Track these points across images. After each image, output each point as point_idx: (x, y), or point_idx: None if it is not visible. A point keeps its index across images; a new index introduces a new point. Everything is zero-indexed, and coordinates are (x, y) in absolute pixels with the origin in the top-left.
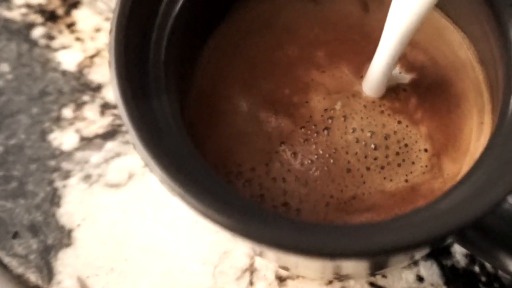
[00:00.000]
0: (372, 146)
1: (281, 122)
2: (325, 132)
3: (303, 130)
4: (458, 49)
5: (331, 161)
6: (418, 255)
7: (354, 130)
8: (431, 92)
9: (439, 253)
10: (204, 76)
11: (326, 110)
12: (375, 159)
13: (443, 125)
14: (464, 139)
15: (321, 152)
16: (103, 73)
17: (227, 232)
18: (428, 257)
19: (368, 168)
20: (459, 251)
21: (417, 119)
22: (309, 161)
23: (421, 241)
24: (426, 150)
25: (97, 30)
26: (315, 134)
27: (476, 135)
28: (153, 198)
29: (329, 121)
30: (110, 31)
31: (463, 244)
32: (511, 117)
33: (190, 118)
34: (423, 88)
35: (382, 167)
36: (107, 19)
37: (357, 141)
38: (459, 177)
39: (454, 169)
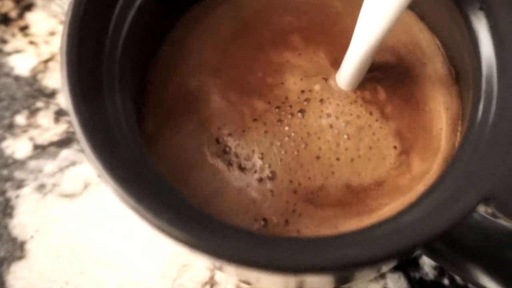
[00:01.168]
0: (345, 136)
1: (254, 103)
2: (300, 114)
3: (277, 110)
4: (427, 47)
5: (303, 145)
6: (385, 267)
7: (329, 115)
8: (400, 89)
9: (407, 265)
10: (164, 69)
11: (303, 91)
12: (347, 149)
13: (412, 123)
14: (433, 138)
15: (293, 134)
16: (58, 78)
17: (183, 247)
18: (395, 269)
19: (338, 159)
20: (427, 263)
21: (387, 114)
22: (279, 143)
23: (387, 254)
24: (395, 147)
25: (52, 33)
26: (290, 116)
27: (448, 135)
28: (109, 209)
29: (305, 103)
30: (62, 33)
31: (431, 256)
32: (479, 125)
33: (148, 119)
34: (392, 84)
35: (352, 160)
36: (62, 22)
37: (331, 127)
38: (427, 176)
39: (423, 168)
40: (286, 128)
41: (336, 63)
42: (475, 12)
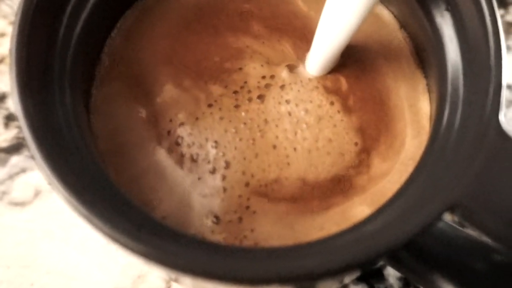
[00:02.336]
0: (304, 124)
1: (210, 87)
2: (259, 100)
3: (234, 94)
4: (392, 40)
5: (259, 133)
6: (347, 278)
7: (288, 102)
8: (363, 81)
9: (370, 276)
10: (113, 62)
11: (264, 77)
12: (305, 139)
13: (375, 118)
14: (397, 136)
15: (249, 121)
16: (8, 81)
17: (137, 258)
18: (359, 280)
19: (295, 149)
20: (392, 274)
21: (349, 107)
22: (234, 130)
23: (348, 264)
24: (356, 144)
25: (2, 35)
26: (247, 101)
27: (413, 133)
28: (61, 217)
29: (265, 88)
30: (12, 35)
31: (395, 266)
32: (445, 130)
33: (96, 116)
34: (355, 75)
35: (310, 151)
36: (12, 23)
37: (290, 114)
38: (387, 178)
39: (383, 168)
40: (243, 113)
41: (301, 52)
42: (441, 13)
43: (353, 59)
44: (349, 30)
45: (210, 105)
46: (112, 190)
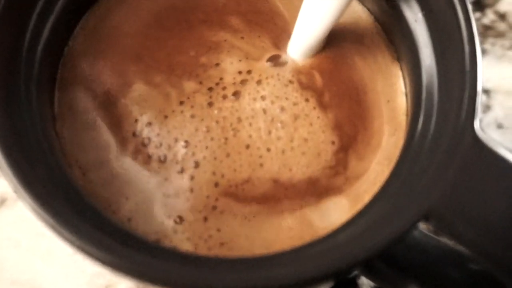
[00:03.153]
0: (279, 123)
1: (183, 83)
2: (233, 97)
3: (209, 91)
4: (367, 31)
5: (232, 132)
6: None
7: (264, 98)
8: (337, 75)
9: (344, 285)
10: (76, 64)
11: (240, 72)
12: (279, 139)
13: (352, 115)
14: (374, 133)
15: (222, 119)
16: None
17: (105, 267)
18: None
19: (268, 149)
20: (366, 283)
21: (325, 103)
22: (206, 129)
23: (321, 274)
24: (333, 143)
25: None
26: (221, 98)
27: (390, 131)
28: (27, 226)
29: (241, 85)
30: None
31: (369, 276)
32: (419, 138)
33: (62, 122)
34: (329, 69)
35: (284, 151)
36: None
37: (265, 112)
38: (363, 178)
39: (360, 168)
40: (216, 111)
41: (283, 44)
42: (416, 18)
43: (326, 54)
44: (336, 9)
45: (181, 103)
46: (79, 198)
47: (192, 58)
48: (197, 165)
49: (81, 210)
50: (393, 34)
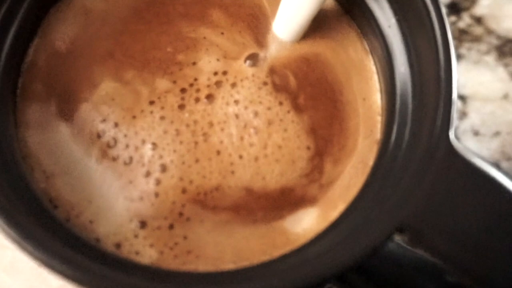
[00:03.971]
0: (252, 129)
1: (156, 81)
2: (206, 100)
3: (181, 93)
4: (338, 25)
5: (202, 137)
6: None
7: (237, 102)
8: (311, 75)
9: None
10: (42, 67)
11: (216, 73)
12: (252, 145)
13: (327, 116)
14: (350, 135)
15: (193, 123)
16: None
17: (68, 281)
18: None
19: (241, 156)
20: None
21: (300, 105)
22: (175, 132)
23: None
24: (308, 148)
25: None
26: (194, 101)
27: (365, 132)
28: None
29: (215, 87)
30: None
31: None
32: (393, 148)
33: (24, 129)
34: (303, 69)
35: (257, 159)
36: None
37: (237, 117)
38: (338, 182)
39: (335, 173)
40: (187, 114)
41: (264, 42)
42: (389, 24)
43: (300, 52)
44: None
45: (152, 102)
46: (42, 210)
47: (169, 54)
48: (164, 169)
49: (44, 223)
50: (365, 28)
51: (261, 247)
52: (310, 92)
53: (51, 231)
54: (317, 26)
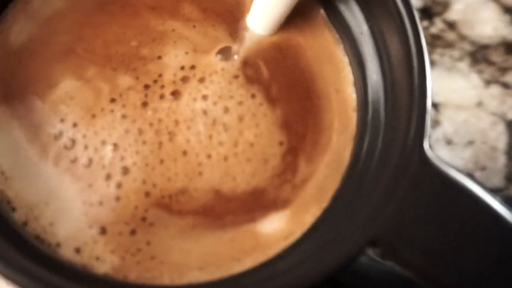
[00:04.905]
0: (222, 126)
1: (118, 78)
2: (172, 97)
3: (144, 89)
4: (307, 10)
5: (167, 136)
6: None
7: (206, 98)
8: (283, 64)
9: None
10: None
11: (183, 67)
12: (221, 144)
13: (301, 109)
14: (324, 130)
15: (157, 121)
16: None
17: None
18: None
19: (209, 156)
20: None
21: (273, 97)
22: (137, 131)
23: None
24: (281, 144)
25: None
26: (158, 98)
27: (340, 127)
28: None
29: (181, 83)
30: None
31: None
32: (365, 157)
33: None
34: (274, 57)
35: (226, 158)
36: None
37: (205, 113)
38: (311, 181)
39: (308, 172)
40: (150, 112)
41: (238, 36)
42: (361, 30)
43: (271, 40)
44: None
45: (113, 100)
46: (3, 222)
47: (133, 48)
48: (125, 171)
49: (4, 234)
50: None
51: (229, 252)
52: (283, 82)
53: (6, 238)
54: (290, 15)
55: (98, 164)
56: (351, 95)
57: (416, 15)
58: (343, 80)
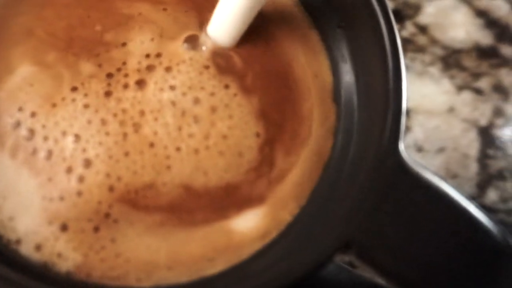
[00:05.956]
0: (192, 118)
1: (80, 64)
2: (136, 86)
3: (107, 78)
4: (290, 8)
5: (132, 127)
6: None
7: (173, 88)
8: (259, 52)
9: None
10: None
11: (148, 55)
12: (191, 136)
13: (278, 97)
14: (303, 119)
15: (121, 112)
16: None
17: None
18: None
19: (178, 148)
20: None
21: (248, 86)
22: (100, 122)
23: None
24: (258, 135)
25: None
26: (122, 87)
27: (320, 118)
28: None
29: (147, 71)
30: None
31: None
32: (338, 159)
33: None
34: (248, 47)
35: (197, 151)
36: None
37: (174, 104)
38: (288, 176)
39: (286, 165)
40: (113, 103)
41: (205, 19)
42: (334, 30)
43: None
44: None
45: (74, 89)
46: None
47: (97, 33)
48: (88, 164)
49: None
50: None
51: (200, 250)
52: (258, 70)
53: None
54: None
55: (58, 157)
56: (329, 80)
57: (392, 17)
58: (320, 64)
